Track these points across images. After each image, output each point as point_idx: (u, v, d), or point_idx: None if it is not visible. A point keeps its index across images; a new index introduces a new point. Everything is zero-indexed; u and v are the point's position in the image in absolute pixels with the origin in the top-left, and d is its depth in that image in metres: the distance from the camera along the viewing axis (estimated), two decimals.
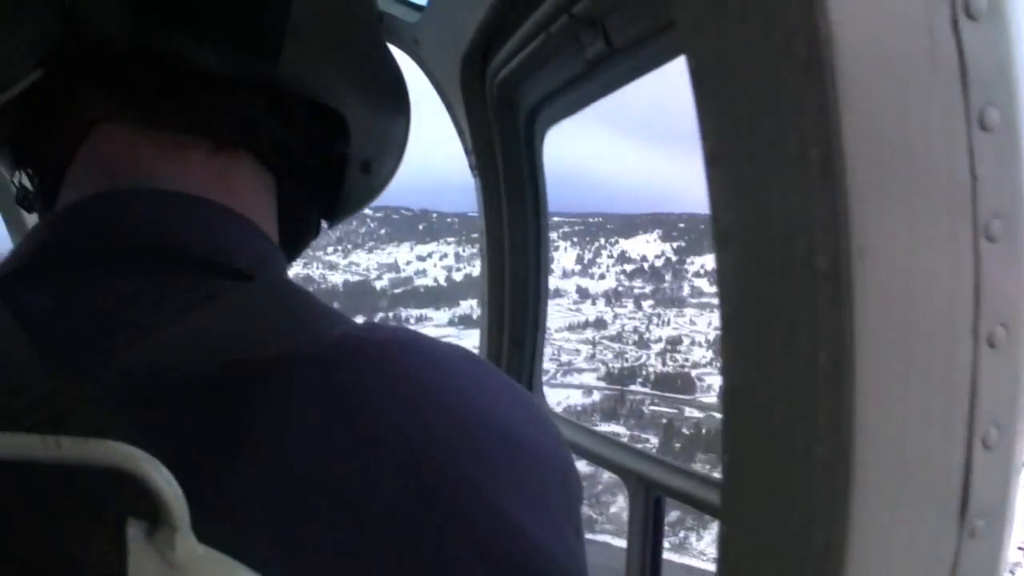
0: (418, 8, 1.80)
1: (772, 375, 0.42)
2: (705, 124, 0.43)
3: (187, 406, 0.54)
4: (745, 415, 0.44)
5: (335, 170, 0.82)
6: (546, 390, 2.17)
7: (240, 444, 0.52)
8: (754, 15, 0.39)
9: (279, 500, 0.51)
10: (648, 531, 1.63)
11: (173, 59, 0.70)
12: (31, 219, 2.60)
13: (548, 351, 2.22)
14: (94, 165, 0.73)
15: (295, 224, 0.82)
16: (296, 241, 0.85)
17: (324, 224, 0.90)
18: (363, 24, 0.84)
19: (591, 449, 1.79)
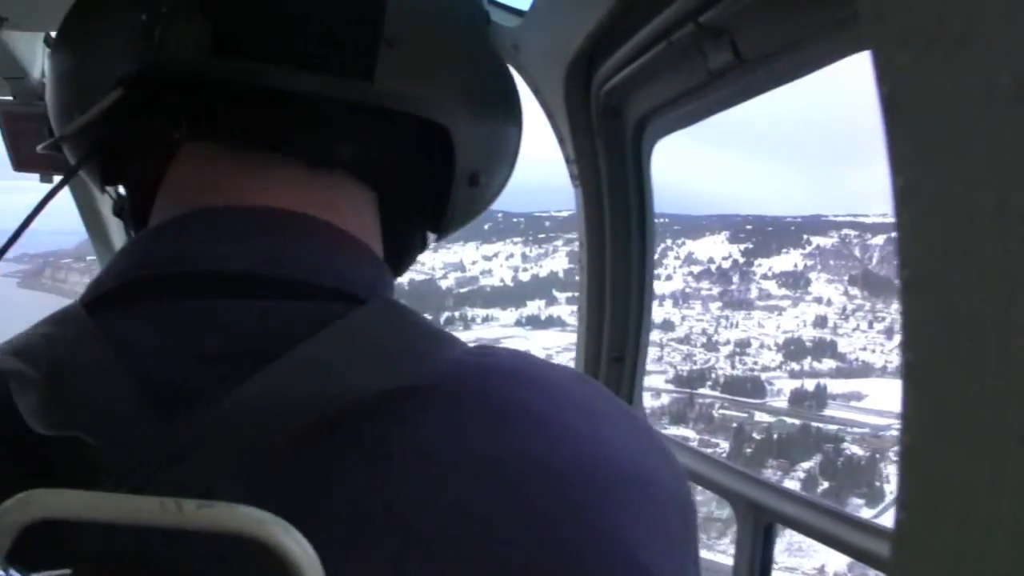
0: (518, 13, 1.76)
1: (959, 433, 0.37)
2: (897, 158, 0.39)
3: (305, 450, 0.52)
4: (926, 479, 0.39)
5: (440, 184, 0.78)
6: None
7: (361, 484, 0.51)
8: (961, 44, 0.35)
9: (398, 537, 0.49)
10: (756, 560, 1.57)
11: (255, 79, 0.68)
12: (117, 237, 2.66)
13: None
14: (185, 184, 0.71)
15: (400, 240, 0.79)
16: (402, 258, 0.82)
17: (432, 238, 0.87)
18: (467, 29, 0.80)
19: (697, 471, 1.73)
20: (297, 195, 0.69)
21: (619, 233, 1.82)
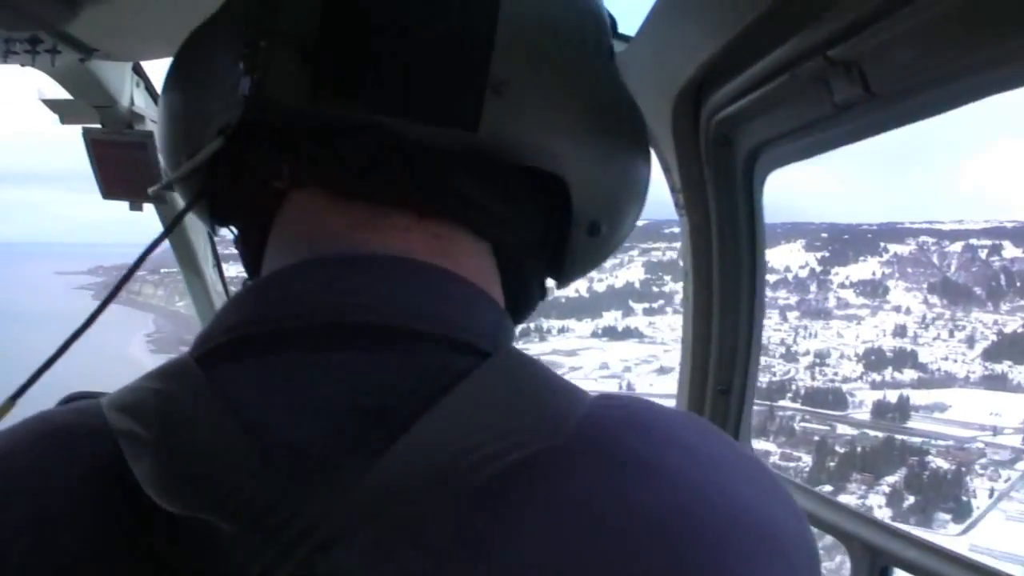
0: (623, 38, 1.72)
1: None
2: None
3: (463, 519, 0.50)
4: None
5: (558, 234, 0.74)
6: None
7: (524, 545, 0.50)
8: None
9: None
10: None
11: (352, 128, 0.65)
12: (206, 265, 2.69)
13: None
14: (294, 231, 0.69)
15: (518, 289, 0.75)
16: (522, 306, 0.78)
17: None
18: (588, 66, 0.74)
19: (811, 511, 1.67)
20: (408, 242, 0.67)
21: (728, 263, 1.78)
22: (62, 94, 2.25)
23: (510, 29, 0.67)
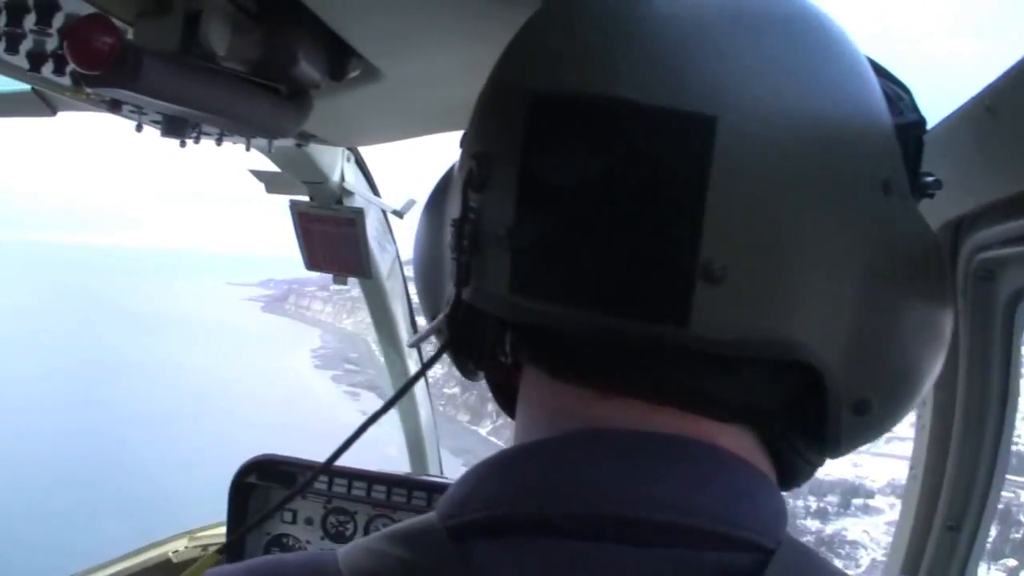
0: None
1: None
2: None
3: None
4: None
5: (817, 414, 0.63)
6: (868, 459, 1.87)
7: None
8: None
9: None
10: None
11: (551, 323, 0.61)
12: (404, 333, 2.69)
13: None
14: (537, 401, 0.67)
15: (784, 465, 0.66)
16: (791, 480, 0.68)
17: None
18: (842, 220, 0.60)
19: None
20: (662, 416, 0.61)
21: (973, 396, 1.61)
22: (269, 166, 2.29)
23: (725, 198, 0.56)
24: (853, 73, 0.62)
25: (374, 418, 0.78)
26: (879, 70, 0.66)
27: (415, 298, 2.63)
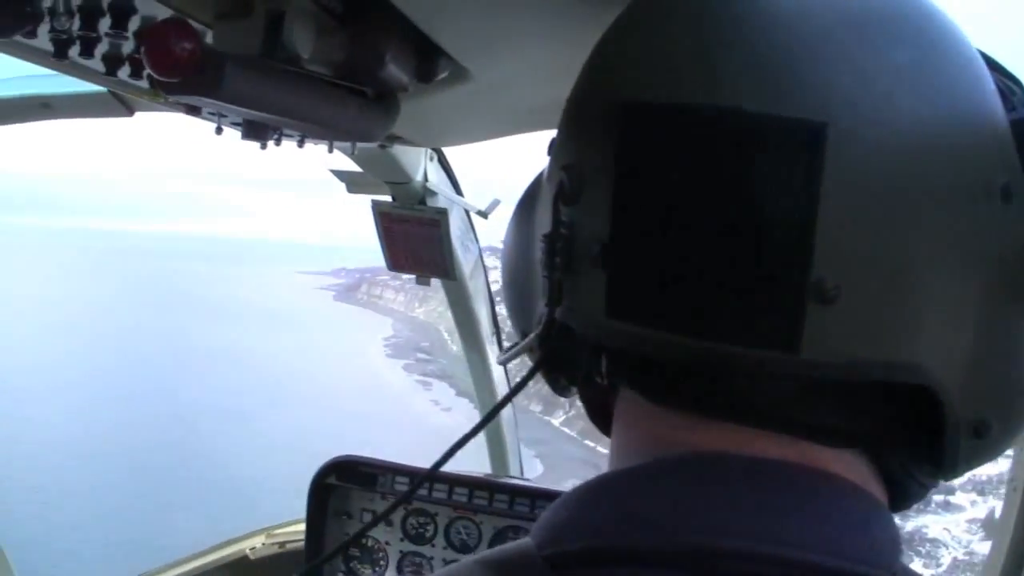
0: None
1: None
2: None
3: None
4: None
5: (933, 436, 0.58)
6: None
7: None
8: None
9: None
10: None
11: (645, 348, 0.58)
12: (488, 344, 2.67)
13: None
14: (633, 423, 0.65)
15: (896, 487, 0.62)
16: (902, 502, 0.64)
17: None
18: (960, 232, 0.55)
19: None
20: (767, 442, 0.57)
21: None
22: (350, 165, 2.27)
23: (837, 211, 0.51)
24: (967, 71, 0.58)
25: (475, 431, 0.78)
26: (991, 63, 0.61)
27: (496, 295, 2.60)
